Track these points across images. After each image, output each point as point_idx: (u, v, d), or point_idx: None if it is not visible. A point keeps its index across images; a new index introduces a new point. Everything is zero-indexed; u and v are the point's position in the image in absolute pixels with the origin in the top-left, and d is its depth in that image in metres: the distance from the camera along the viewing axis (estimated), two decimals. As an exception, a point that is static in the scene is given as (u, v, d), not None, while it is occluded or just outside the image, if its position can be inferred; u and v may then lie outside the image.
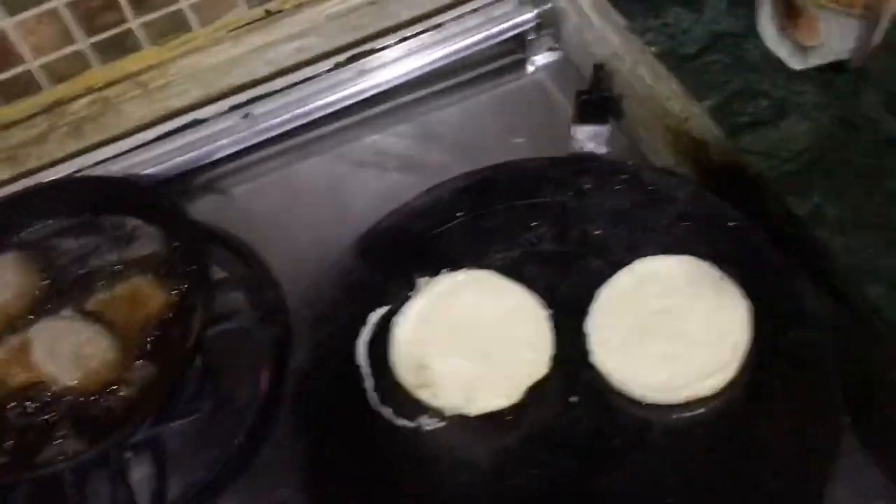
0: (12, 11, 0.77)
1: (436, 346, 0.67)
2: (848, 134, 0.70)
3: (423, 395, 0.65)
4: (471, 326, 0.67)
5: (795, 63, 0.74)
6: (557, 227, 0.73)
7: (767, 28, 0.76)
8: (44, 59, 0.81)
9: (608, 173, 0.73)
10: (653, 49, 0.78)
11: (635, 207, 0.72)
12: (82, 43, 0.82)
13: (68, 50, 0.82)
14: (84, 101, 0.85)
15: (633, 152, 0.84)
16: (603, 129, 0.74)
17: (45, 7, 0.78)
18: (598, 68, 0.78)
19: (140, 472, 0.69)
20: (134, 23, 0.82)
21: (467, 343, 0.67)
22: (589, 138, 0.75)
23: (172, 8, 0.83)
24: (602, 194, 0.73)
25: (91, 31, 0.81)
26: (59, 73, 0.83)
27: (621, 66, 0.83)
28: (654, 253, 0.69)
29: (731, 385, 0.62)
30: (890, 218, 0.64)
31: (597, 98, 0.75)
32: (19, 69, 0.81)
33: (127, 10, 0.81)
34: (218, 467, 0.70)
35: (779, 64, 0.75)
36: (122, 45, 0.84)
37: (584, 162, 0.74)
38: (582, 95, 0.75)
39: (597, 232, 0.72)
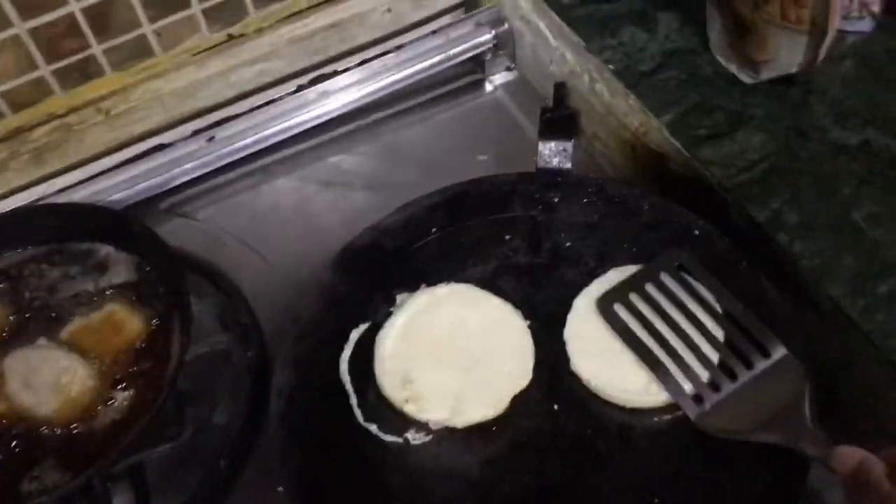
0: (-28, 38, 0.76)
1: (420, 361, 0.68)
2: (801, 143, 0.74)
3: (410, 410, 0.66)
4: (453, 339, 0.69)
5: (747, 77, 0.78)
6: (530, 239, 0.75)
7: (719, 45, 0.80)
8: (4, 87, 0.80)
9: (575, 187, 0.76)
10: (611, 67, 0.81)
11: (603, 219, 0.74)
12: (44, 69, 0.81)
13: (30, 77, 0.81)
14: (46, 128, 0.84)
15: (592, 167, 0.87)
16: (568, 145, 0.76)
17: (6, 34, 0.77)
18: (560, 86, 0.81)
19: (122, 501, 0.68)
20: (97, 49, 0.82)
21: (451, 356, 0.68)
22: (554, 154, 0.77)
23: (135, 33, 0.83)
24: (570, 207, 0.75)
25: (53, 58, 0.80)
26: (20, 101, 0.82)
27: (579, 84, 0.86)
28: (624, 262, 0.72)
29: (709, 385, 0.65)
30: (846, 220, 0.68)
31: (560, 115, 0.78)
32: (-22, 97, 0.80)
33: (90, 36, 0.80)
34: (202, 491, 0.70)
35: (732, 78, 0.79)
36: (84, 72, 0.83)
37: (552, 176, 0.76)
38: (546, 113, 0.78)
39: (567, 244, 0.74)
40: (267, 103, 0.89)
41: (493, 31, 0.93)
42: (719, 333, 0.65)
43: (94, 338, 0.71)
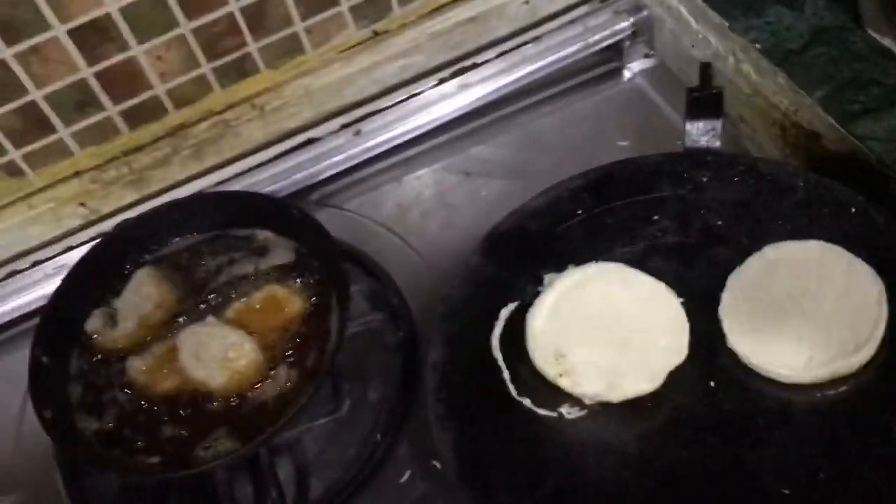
0: (142, 39, 0.81)
1: (571, 336, 0.68)
2: (966, 114, 0.71)
3: (564, 384, 0.66)
4: (604, 316, 0.69)
5: (905, 50, 0.76)
6: (679, 219, 0.74)
7: (874, 19, 0.77)
8: (169, 85, 0.86)
9: (725, 166, 0.75)
10: (757, 46, 0.80)
11: (755, 197, 0.73)
12: (205, 67, 0.86)
13: (192, 75, 0.86)
14: (205, 124, 0.89)
15: (739, 150, 0.85)
16: (717, 124, 0.76)
17: (173, 33, 0.82)
18: (706, 66, 0.80)
19: (284, 471, 0.72)
20: (252, 46, 0.86)
21: (602, 332, 0.68)
22: (702, 133, 0.76)
23: (288, 31, 0.87)
24: (721, 186, 0.74)
25: (213, 56, 0.85)
26: (182, 98, 0.87)
27: (723, 67, 0.85)
28: (778, 239, 0.70)
29: (872, 362, 0.63)
30: None
31: (708, 94, 0.77)
32: (147, 95, 0.85)
33: (246, 35, 0.85)
34: (359, 464, 0.72)
35: (887, 52, 0.77)
36: (240, 69, 0.88)
37: (701, 156, 0.76)
38: (693, 92, 0.77)
39: (718, 222, 0.73)
40: (409, 97, 0.92)
41: (631, 19, 0.93)
42: None
43: (258, 316, 0.74)
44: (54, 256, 0.88)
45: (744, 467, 0.61)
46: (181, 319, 0.76)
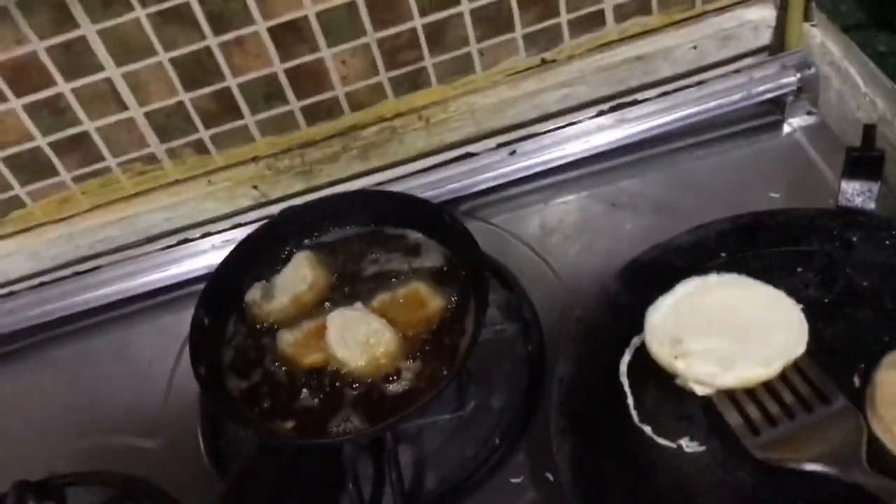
0: (332, 43, 0.88)
1: (690, 328, 0.70)
2: None
3: (679, 366, 0.68)
4: (723, 315, 0.71)
5: None
6: (823, 274, 0.74)
7: None
8: (349, 88, 0.92)
9: (878, 228, 0.75)
10: (927, 115, 0.79)
11: (905, 263, 0.73)
12: (382, 76, 0.92)
13: (370, 81, 0.92)
14: (374, 128, 0.96)
15: (892, 212, 0.84)
16: (874, 186, 0.76)
17: (359, 41, 0.89)
18: (870, 127, 0.80)
19: (402, 461, 0.75)
20: (428, 61, 0.92)
21: (720, 326, 0.70)
22: (857, 193, 0.76)
23: (462, 50, 0.92)
24: (870, 247, 0.74)
25: (391, 66, 0.92)
26: (358, 102, 0.94)
27: (887, 130, 0.84)
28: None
29: None
30: None
31: (868, 155, 0.77)
32: (327, 95, 0.92)
33: (424, 49, 0.91)
34: (475, 464, 0.75)
35: None
36: (414, 81, 0.94)
37: (854, 215, 0.76)
38: (853, 152, 0.77)
39: (864, 283, 0.73)
40: (567, 125, 0.96)
41: (798, 74, 0.94)
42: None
43: (400, 309, 0.79)
44: (223, 231, 0.96)
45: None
46: (330, 302, 0.82)
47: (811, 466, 0.62)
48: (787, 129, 0.96)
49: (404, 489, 0.73)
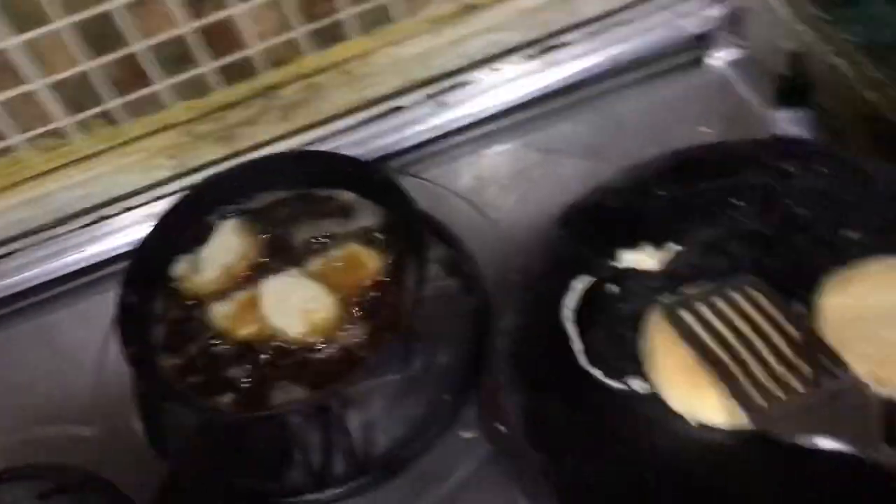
0: (244, -1, 0.84)
1: None
2: None
3: None
4: None
5: None
6: (762, 206, 0.74)
7: (976, 16, 0.76)
8: (263, 45, 0.88)
9: (813, 156, 0.75)
10: (853, 40, 0.79)
11: (842, 189, 0.73)
12: (298, 30, 0.88)
13: (286, 37, 0.88)
14: (295, 86, 0.91)
15: (826, 139, 0.84)
16: (805, 113, 0.76)
17: (273, -5, 0.84)
18: (798, 56, 0.80)
19: (352, 423, 0.73)
20: (345, 13, 0.88)
21: None
22: (791, 123, 0.76)
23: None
24: (807, 176, 0.74)
25: (307, 19, 0.88)
26: (275, 59, 0.90)
27: (815, 58, 0.84)
28: (860, 232, 0.70)
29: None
30: None
31: (800, 84, 0.77)
32: (242, 54, 0.88)
33: (342, 0, 0.87)
34: (425, 422, 0.74)
35: None
36: (333, 35, 0.90)
37: (789, 144, 0.76)
38: (785, 81, 0.77)
39: (802, 212, 0.73)
40: (496, 71, 0.93)
41: (722, 7, 0.93)
42: (787, 351, 0.64)
43: (338, 272, 0.76)
44: (143, 205, 0.92)
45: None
46: (263, 271, 0.78)
47: (824, 442, 0.59)
48: (714, 63, 0.95)
49: (355, 454, 0.71)
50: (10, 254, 0.92)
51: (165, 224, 0.81)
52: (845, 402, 0.60)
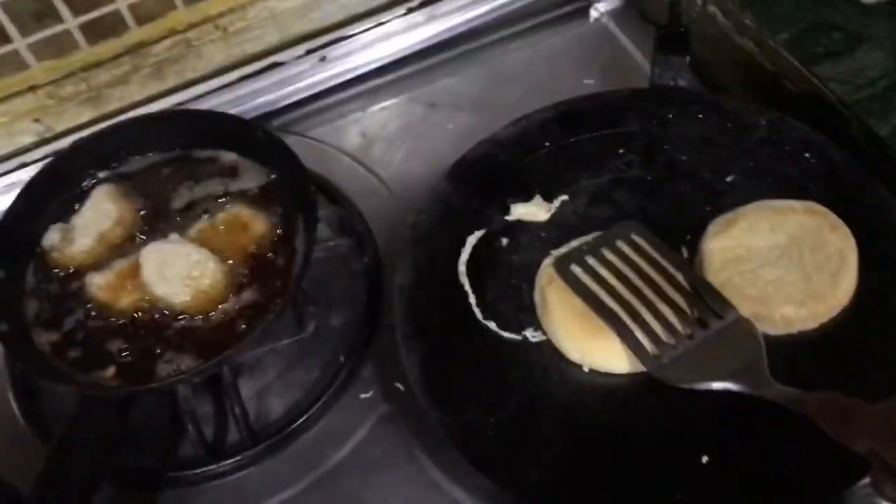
0: (106, -50, 0.79)
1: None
2: (924, 60, 0.73)
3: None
4: None
5: (868, -2, 0.78)
6: (644, 154, 0.76)
7: (839, -35, 0.79)
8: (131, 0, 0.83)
9: (691, 103, 0.77)
10: (726, -12, 0.81)
11: (719, 134, 0.75)
12: (168, -16, 0.84)
13: (155, -10, 0.84)
14: (166, 42, 0.87)
15: (703, 87, 0.86)
16: (684, 62, 0.77)
17: (136, -55, 0.79)
18: (674, 4, 0.81)
19: (244, 394, 0.71)
20: (217, -36, 0.84)
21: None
22: (668, 71, 0.78)
23: (253, -52, 0.85)
24: (686, 123, 0.76)
25: (177, -28, 0.83)
26: (144, 15, 0.85)
27: (690, 6, 0.85)
28: (738, 175, 0.72)
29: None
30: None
31: (675, 32, 0.78)
32: (108, 9, 0.82)
33: (213, -49, 0.83)
34: (321, 386, 0.72)
35: (850, 1, 0.79)
36: (205, -13, 0.86)
37: (667, 92, 0.77)
38: (661, 30, 0.78)
39: (683, 158, 0.75)
40: (377, 25, 0.91)
41: (604, -42, 0.94)
42: (675, 296, 0.66)
43: (222, 236, 0.74)
44: (6, 173, 0.86)
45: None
46: (142, 237, 0.75)
47: (719, 385, 0.60)
48: (594, 14, 0.96)
49: (250, 422, 0.70)
50: None
51: (32, 192, 0.76)
52: (733, 342, 0.62)
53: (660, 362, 0.63)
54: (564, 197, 0.74)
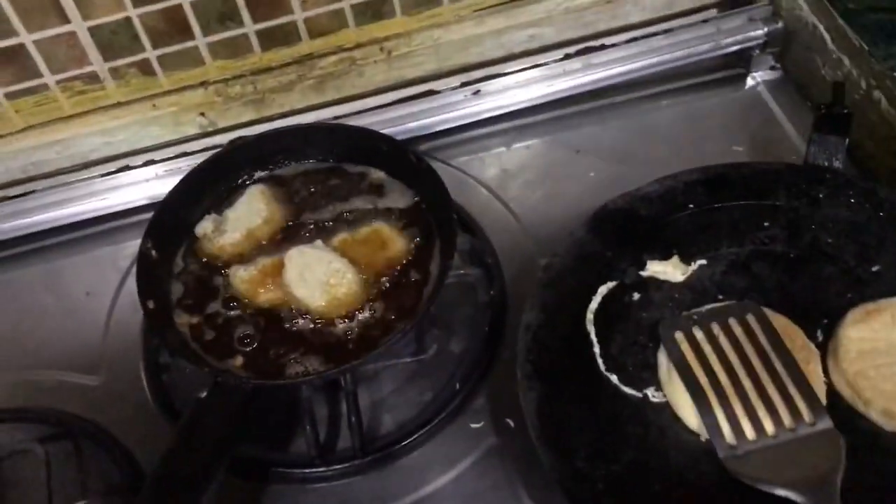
0: (293, -36, 0.83)
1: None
2: None
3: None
4: None
5: None
6: (789, 229, 0.75)
7: None
8: (308, 13, 0.87)
9: (844, 185, 0.75)
10: (895, 74, 0.80)
11: (869, 221, 0.73)
12: (345, 2, 0.87)
13: (331, 7, 0.87)
14: (333, 58, 0.91)
15: (857, 171, 0.85)
16: (841, 143, 0.76)
17: (323, -36, 0.84)
18: (839, 85, 0.80)
19: (363, 401, 0.73)
20: (394, -10, 0.88)
21: None
22: (825, 151, 0.77)
23: (431, -19, 0.88)
24: (836, 205, 0.75)
25: (355, -7, 0.87)
26: (317, 29, 0.89)
27: (853, 90, 0.84)
28: (885, 267, 0.71)
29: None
30: None
31: (836, 113, 0.77)
32: (286, 19, 0.87)
33: (392, -22, 0.87)
34: (433, 409, 0.74)
35: None
36: (377, 11, 0.89)
37: (821, 172, 0.76)
38: (822, 108, 0.77)
39: (829, 240, 0.74)
40: (533, 66, 0.93)
41: (766, 28, 0.93)
42: (770, 390, 0.64)
43: (362, 250, 0.76)
44: (168, 159, 0.91)
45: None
46: (287, 239, 0.78)
47: (782, 492, 0.59)
48: (751, 82, 0.96)
49: (362, 432, 0.71)
50: (27, 193, 0.91)
51: (193, 180, 0.81)
52: (814, 452, 0.61)
53: (734, 452, 0.62)
54: (703, 261, 0.74)
